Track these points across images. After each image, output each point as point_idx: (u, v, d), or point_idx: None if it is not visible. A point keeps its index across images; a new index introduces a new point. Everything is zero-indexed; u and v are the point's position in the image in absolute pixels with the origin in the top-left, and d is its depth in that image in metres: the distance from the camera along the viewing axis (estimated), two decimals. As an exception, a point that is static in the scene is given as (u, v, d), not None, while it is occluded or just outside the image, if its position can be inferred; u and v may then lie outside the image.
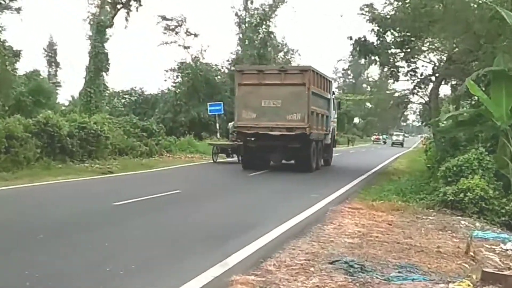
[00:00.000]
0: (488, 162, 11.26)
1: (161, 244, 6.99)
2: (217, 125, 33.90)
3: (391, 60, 21.19)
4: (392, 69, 21.59)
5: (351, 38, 20.44)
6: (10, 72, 24.63)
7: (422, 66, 21.67)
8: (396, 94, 26.84)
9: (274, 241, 7.26)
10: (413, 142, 79.84)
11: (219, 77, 41.77)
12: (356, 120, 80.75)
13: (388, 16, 19.58)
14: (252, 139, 18.54)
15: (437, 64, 21.29)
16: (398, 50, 20.87)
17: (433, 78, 21.15)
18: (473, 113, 12.45)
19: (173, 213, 9.78)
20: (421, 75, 21.44)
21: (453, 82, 21.70)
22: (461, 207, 10.28)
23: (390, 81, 25.53)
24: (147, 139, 24.87)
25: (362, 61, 22.06)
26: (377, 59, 20.93)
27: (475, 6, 14.58)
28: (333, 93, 24.19)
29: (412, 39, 19.72)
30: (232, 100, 27.28)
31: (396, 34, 20.14)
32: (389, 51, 20.79)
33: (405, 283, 5.42)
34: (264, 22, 42.45)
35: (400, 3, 19.07)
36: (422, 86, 21.85)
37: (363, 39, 20.42)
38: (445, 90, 33.28)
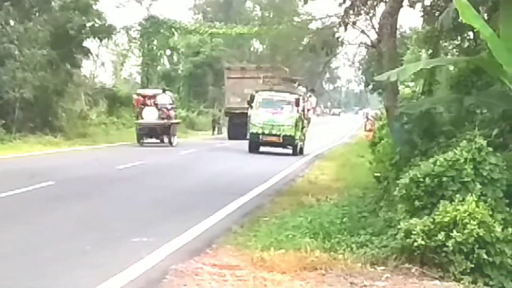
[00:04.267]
0: (494, 168, 11.57)
1: None
2: None
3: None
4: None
5: None
6: None
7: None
8: (314, 26, 27.31)
9: None
10: (350, 124, 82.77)
11: None
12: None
13: None
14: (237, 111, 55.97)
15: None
16: None
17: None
18: (466, 67, 12.78)
19: None
20: (362, -14, 21.91)
21: (426, 3, 22.42)
22: (440, 261, 10.55)
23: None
24: None
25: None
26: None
27: None
28: None
29: None
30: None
31: None
32: None
33: None
34: None
35: None
36: (364, 10, 22.32)
37: None
38: (410, 19, 34.52)
